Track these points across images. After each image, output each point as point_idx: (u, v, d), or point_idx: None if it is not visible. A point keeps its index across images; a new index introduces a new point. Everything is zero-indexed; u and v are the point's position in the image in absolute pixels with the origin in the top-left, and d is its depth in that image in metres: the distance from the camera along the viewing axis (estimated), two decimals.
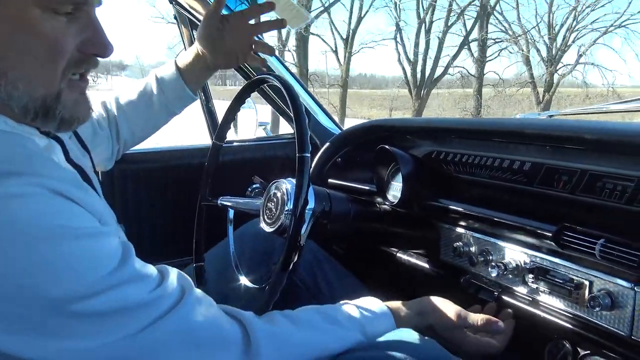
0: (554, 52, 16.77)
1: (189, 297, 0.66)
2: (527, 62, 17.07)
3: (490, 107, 17.05)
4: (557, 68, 16.78)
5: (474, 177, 1.11)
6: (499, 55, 17.58)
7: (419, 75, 16.64)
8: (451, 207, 1.08)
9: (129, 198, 1.48)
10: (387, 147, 1.15)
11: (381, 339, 0.80)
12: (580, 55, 16.71)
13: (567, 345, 0.88)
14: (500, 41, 17.29)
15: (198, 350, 0.64)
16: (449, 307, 0.90)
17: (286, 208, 0.95)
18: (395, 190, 1.20)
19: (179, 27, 1.63)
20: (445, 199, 1.10)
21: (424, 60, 16.83)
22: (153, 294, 0.62)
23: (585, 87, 17.06)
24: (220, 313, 0.70)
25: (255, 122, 1.60)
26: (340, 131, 1.59)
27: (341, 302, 0.85)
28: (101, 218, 0.64)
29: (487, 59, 17.45)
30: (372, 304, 0.86)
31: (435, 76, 16.89)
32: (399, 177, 1.17)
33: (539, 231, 0.89)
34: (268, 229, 0.99)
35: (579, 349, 0.87)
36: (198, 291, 0.69)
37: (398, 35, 16.73)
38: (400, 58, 16.77)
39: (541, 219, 0.90)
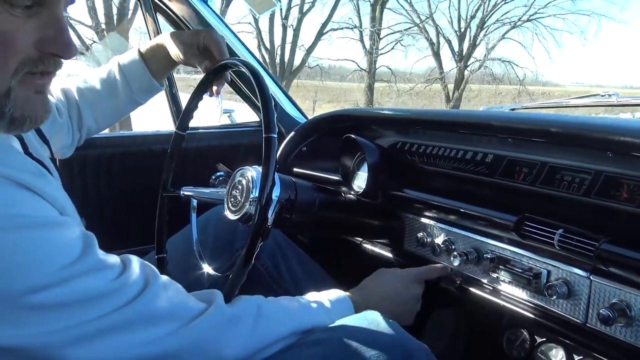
0: (464, 47, 16.57)
1: (153, 285, 0.65)
2: (437, 56, 16.75)
3: (380, 104, 16.40)
4: (468, 64, 16.58)
5: (438, 168, 1.13)
6: (393, 48, 17.20)
7: (277, 67, 15.66)
8: (415, 197, 1.09)
9: (89, 184, 1.43)
10: (352, 136, 1.15)
11: (346, 322, 0.81)
12: (489, 50, 16.65)
13: (525, 333, 0.91)
14: (396, 32, 16.90)
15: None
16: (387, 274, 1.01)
17: (251, 195, 0.94)
18: (360, 180, 1.21)
19: (143, 15, 1.59)
20: (409, 189, 1.11)
21: (282, 50, 15.85)
22: (115, 283, 0.61)
23: (495, 84, 16.97)
24: (188, 297, 0.70)
25: (220, 109, 1.57)
26: (306, 120, 1.58)
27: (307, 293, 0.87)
28: (62, 209, 0.63)
29: (380, 51, 16.94)
30: (333, 293, 0.89)
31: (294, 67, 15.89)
32: (365, 167, 1.17)
33: (500, 221, 0.91)
34: (232, 217, 0.97)
35: (536, 337, 0.90)
36: (164, 278, 0.69)
37: (253, 22, 15.64)
38: (260, 46, 15.79)
39: (502, 209, 0.92)
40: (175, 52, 1.08)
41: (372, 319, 0.81)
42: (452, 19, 16.74)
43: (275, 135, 0.81)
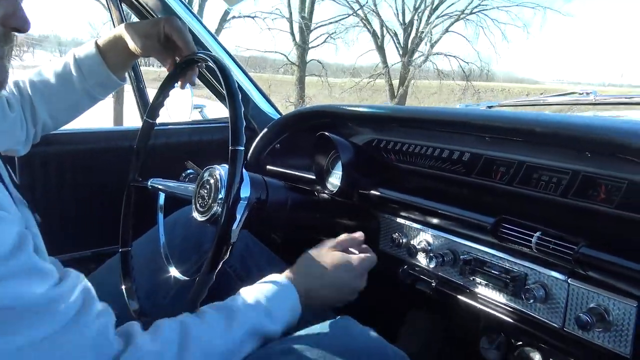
0: (410, 41, 15.99)
1: (87, 312, 0.59)
2: (381, 50, 16.13)
3: (313, 99, 15.66)
4: (413, 58, 16.06)
5: (414, 166, 1.10)
6: (325, 41, 16.56)
7: None
8: (391, 196, 1.06)
9: (52, 182, 1.37)
10: (326, 134, 1.11)
11: (319, 329, 0.77)
12: (433, 45, 16.19)
13: (502, 336, 0.89)
14: (327, 24, 16.30)
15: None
16: (319, 251, 0.93)
17: (219, 196, 0.90)
18: (334, 179, 1.17)
19: (108, 6, 1.52)
20: (385, 188, 1.08)
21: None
22: (46, 297, 0.55)
23: (440, 80, 16.48)
24: (112, 331, 0.63)
25: (190, 104, 1.52)
26: (279, 116, 1.54)
27: (242, 289, 0.81)
28: None
29: (310, 44, 16.22)
30: (276, 287, 0.82)
31: None
32: (339, 166, 1.14)
33: (477, 223, 0.88)
34: (200, 218, 0.93)
35: (512, 341, 0.88)
36: (100, 306, 0.63)
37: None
38: None
39: (480, 210, 0.90)
40: (133, 44, 1.02)
41: (345, 325, 0.78)
42: (398, 11, 16.21)
43: (242, 148, 0.76)
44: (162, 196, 1.08)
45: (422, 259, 1.02)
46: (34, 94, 1.05)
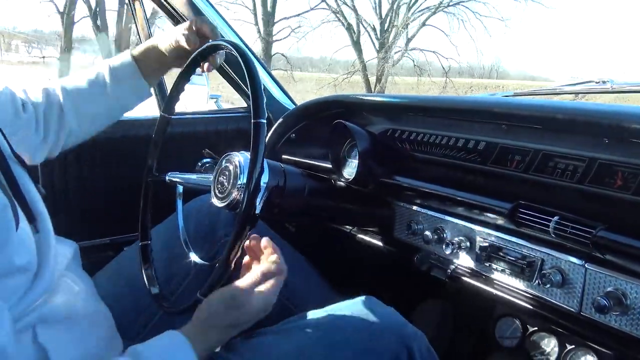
0: (387, 36, 15.43)
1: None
2: (357, 46, 15.51)
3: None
4: (392, 53, 15.53)
5: (429, 155, 1.11)
6: (289, 35, 16.02)
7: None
8: (406, 184, 1.07)
9: (71, 171, 1.39)
10: (343, 122, 1.12)
11: (339, 307, 0.79)
12: (410, 39, 15.68)
13: (517, 322, 0.90)
14: (294, 17, 15.79)
15: None
16: (223, 295, 0.78)
17: (239, 182, 0.91)
18: (350, 167, 1.18)
19: (133, 16, 1.54)
20: (400, 176, 1.09)
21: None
22: None
23: (418, 76, 15.76)
24: None
25: (206, 94, 1.54)
26: (294, 106, 1.55)
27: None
28: None
29: (274, 38, 15.75)
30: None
31: None
32: (355, 154, 1.15)
33: (494, 208, 0.89)
34: (219, 204, 0.94)
35: (528, 326, 0.89)
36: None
37: None
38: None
39: (496, 196, 0.90)
40: (168, 43, 1.03)
41: (368, 304, 0.81)
42: (375, 4, 15.68)
43: (265, 121, 0.77)
44: (180, 186, 1.10)
45: (437, 246, 1.03)
46: (65, 99, 1.04)
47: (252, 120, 0.76)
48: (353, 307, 0.80)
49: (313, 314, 0.81)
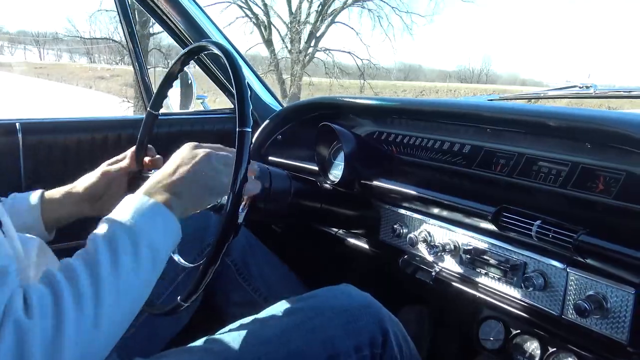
0: (302, 36, 14.83)
1: None
2: (269, 44, 14.82)
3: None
4: (307, 53, 14.91)
5: (415, 158, 1.11)
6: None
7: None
8: (392, 187, 1.08)
9: (56, 169, 1.37)
10: (329, 124, 1.12)
11: (318, 293, 0.85)
12: (318, 39, 15.08)
13: (500, 324, 0.90)
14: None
15: None
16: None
17: None
18: (336, 169, 1.18)
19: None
20: (386, 179, 1.09)
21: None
22: None
23: (335, 78, 15.26)
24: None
25: (193, 95, 1.53)
26: (281, 108, 1.55)
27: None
28: None
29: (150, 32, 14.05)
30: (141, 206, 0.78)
31: None
32: (341, 156, 1.15)
33: (478, 212, 0.90)
34: None
35: (511, 329, 0.89)
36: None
37: None
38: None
39: (480, 200, 0.91)
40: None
41: (345, 289, 0.87)
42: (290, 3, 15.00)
43: (250, 130, 0.76)
44: None
45: (422, 249, 1.03)
46: None
47: (237, 129, 0.75)
48: (331, 292, 0.85)
49: (293, 301, 0.85)
